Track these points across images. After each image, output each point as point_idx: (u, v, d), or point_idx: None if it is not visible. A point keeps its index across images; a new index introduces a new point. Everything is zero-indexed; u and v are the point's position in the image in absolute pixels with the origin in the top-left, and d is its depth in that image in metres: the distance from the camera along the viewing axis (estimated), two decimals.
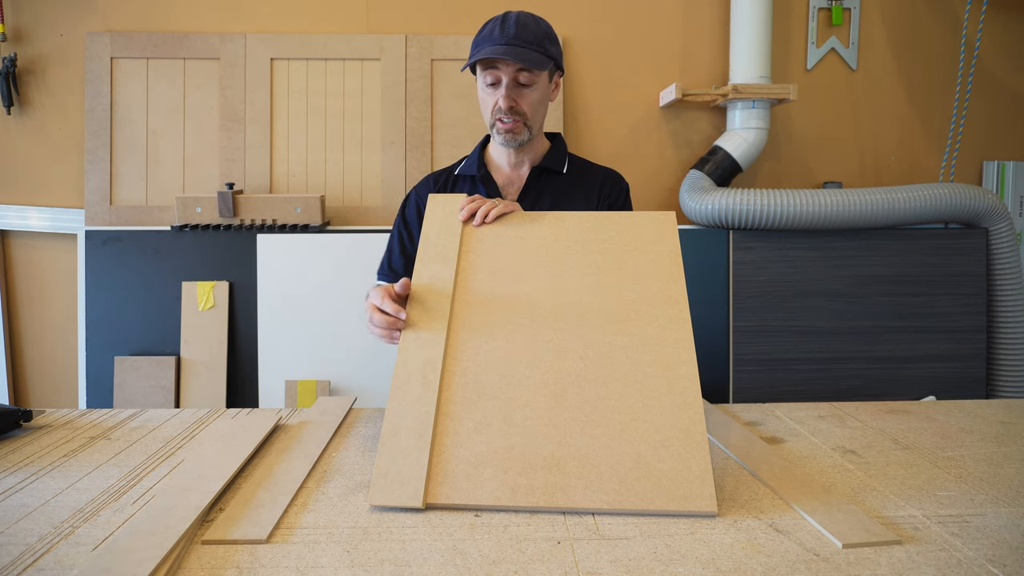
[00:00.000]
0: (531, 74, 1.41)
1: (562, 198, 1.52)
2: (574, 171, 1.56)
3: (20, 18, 2.45)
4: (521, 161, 1.53)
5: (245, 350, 2.36)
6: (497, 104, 1.41)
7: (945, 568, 0.77)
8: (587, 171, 1.58)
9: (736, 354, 2.42)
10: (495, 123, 1.44)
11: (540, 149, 1.55)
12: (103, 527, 0.86)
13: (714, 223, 2.40)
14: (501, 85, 1.40)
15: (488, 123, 1.47)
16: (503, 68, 1.39)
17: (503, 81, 1.40)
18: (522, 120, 1.43)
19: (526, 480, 0.90)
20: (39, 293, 2.53)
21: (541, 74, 1.43)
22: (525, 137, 1.45)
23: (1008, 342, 2.44)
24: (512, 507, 0.89)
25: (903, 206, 2.35)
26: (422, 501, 0.89)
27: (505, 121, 1.42)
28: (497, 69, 1.39)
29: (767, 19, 2.41)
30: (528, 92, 1.42)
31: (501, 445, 0.94)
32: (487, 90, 1.43)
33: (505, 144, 1.46)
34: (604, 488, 0.89)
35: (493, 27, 1.39)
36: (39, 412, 1.28)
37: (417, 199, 1.57)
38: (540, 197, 1.51)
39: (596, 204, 1.54)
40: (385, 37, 2.48)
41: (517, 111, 1.42)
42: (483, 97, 1.45)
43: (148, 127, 2.45)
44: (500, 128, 1.43)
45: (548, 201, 1.51)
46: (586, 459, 0.92)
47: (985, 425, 1.24)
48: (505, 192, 1.53)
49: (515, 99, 1.41)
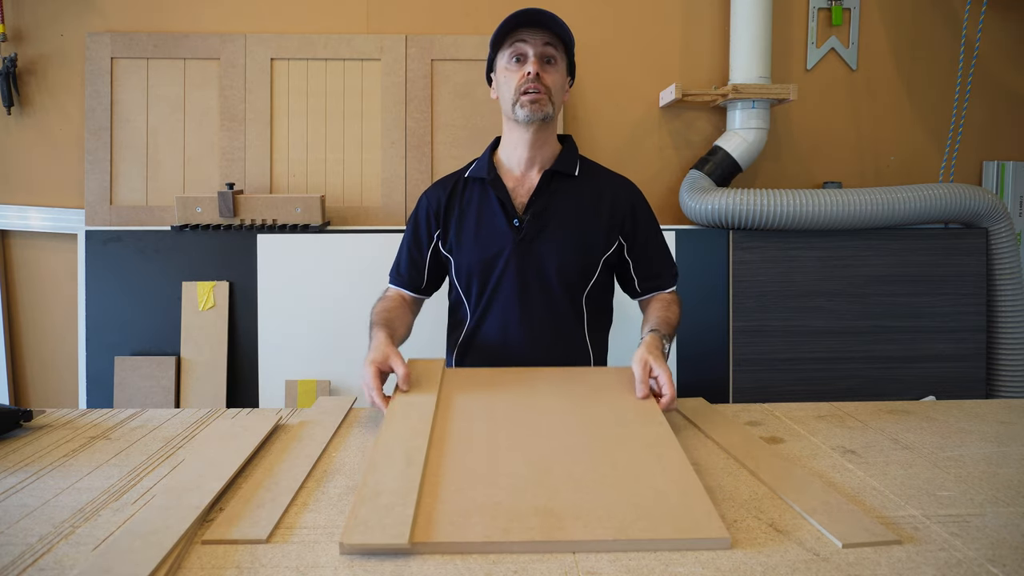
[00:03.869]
0: (557, 53, 1.44)
1: (573, 203, 1.50)
2: (586, 175, 1.54)
3: (20, 18, 2.45)
4: (532, 163, 1.51)
5: (245, 350, 2.36)
6: (525, 75, 1.41)
7: (945, 568, 0.77)
8: (601, 177, 1.56)
9: (736, 354, 2.42)
10: (519, 99, 1.43)
11: (551, 152, 1.53)
12: (103, 527, 0.86)
13: (714, 223, 2.40)
14: (528, 59, 1.42)
15: (510, 104, 1.45)
16: (531, 43, 1.42)
17: (530, 54, 1.42)
18: (547, 95, 1.43)
19: (518, 524, 0.83)
20: (39, 293, 2.53)
21: (563, 60, 1.47)
22: (549, 111, 1.44)
23: (1008, 342, 2.44)
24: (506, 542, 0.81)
25: (903, 206, 2.35)
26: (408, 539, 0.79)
27: (531, 91, 1.41)
28: (525, 43, 1.42)
29: (767, 19, 2.41)
30: (552, 70, 1.45)
31: (488, 501, 0.89)
32: (511, 66, 1.44)
33: (529, 117, 1.43)
34: (605, 526, 0.83)
35: (518, 13, 1.42)
36: (39, 412, 1.28)
37: (428, 204, 1.57)
38: (551, 201, 1.50)
39: (608, 216, 1.51)
40: (385, 37, 2.48)
41: (544, 83, 1.43)
42: (506, 77, 1.45)
43: (148, 127, 2.45)
44: (525, 100, 1.42)
45: (559, 205, 1.50)
46: (581, 508, 0.87)
47: (985, 425, 1.24)
48: (515, 195, 1.51)
49: (543, 71, 1.43)
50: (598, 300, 1.57)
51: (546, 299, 1.51)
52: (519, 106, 1.43)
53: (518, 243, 1.49)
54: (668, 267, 1.59)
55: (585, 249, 1.51)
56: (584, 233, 1.50)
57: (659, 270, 1.57)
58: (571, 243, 1.49)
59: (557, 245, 1.49)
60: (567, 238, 1.49)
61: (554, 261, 1.49)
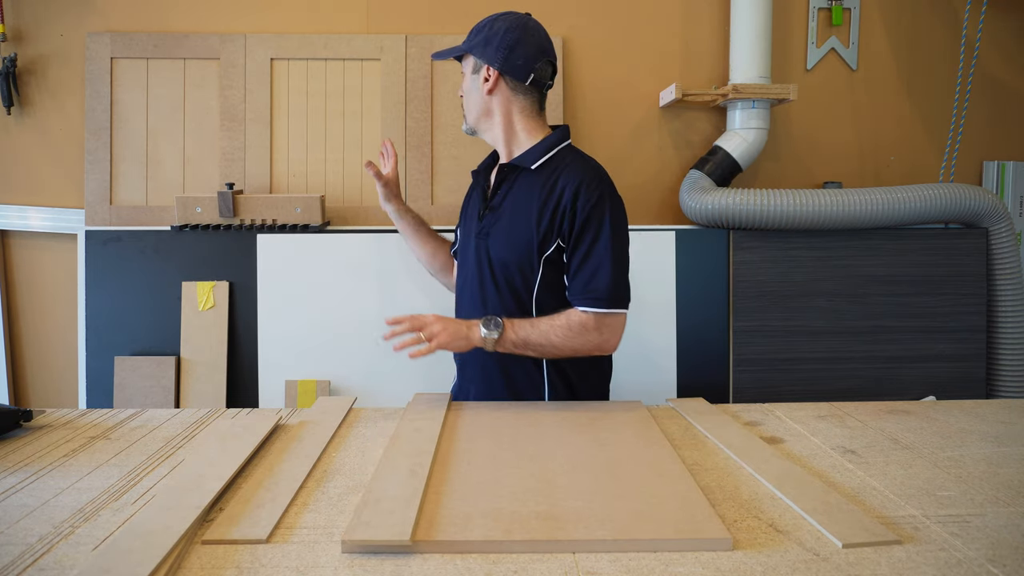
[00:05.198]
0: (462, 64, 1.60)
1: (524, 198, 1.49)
2: (548, 169, 1.49)
3: (20, 18, 2.45)
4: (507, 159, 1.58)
5: (245, 350, 2.36)
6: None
7: (945, 568, 0.77)
8: (563, 171, 1.47)
9: (736, 354, 2.42)
10: None
11: (524, 146, 1.54)
12: (103, 527, 0.86)
13: (714, 223, 2.40)
14: None
15: None
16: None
17: None
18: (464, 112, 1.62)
19: (519, 526, 0.85)
20: (39, 293, 2.53)
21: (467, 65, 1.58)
22: (467, 126, 1.62)
23: (1008, 342, 2.44)
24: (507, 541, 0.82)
25: (903, 206, 2.35)
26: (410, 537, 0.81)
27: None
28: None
29: (767, 19, 2.41)
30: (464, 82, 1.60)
31: (490, 507, 0.90)
32: None
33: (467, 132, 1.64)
34: (606, 527, 0.84)
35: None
36: (39, 412, 1.28)
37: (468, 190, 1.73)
38: (507, 196, 1.54)
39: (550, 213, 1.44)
40: (385, 37, 2.48)
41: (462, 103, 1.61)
42: None
43: (148, 127, 2.45)
44: None
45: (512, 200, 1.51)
46: (582, 513, 0.88)
47: (985, 425, 1.24)
48: (491, 186, 1.61)
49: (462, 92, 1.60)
50: (554, 299, 1.48)
51: (495, 293, 1.51)
52: None
53: (478, 235, 1.55)
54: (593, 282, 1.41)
55: (520, 246, 1.47)
56: (521, 229, 1.47)
57: (580, 284, 1.42)
58: (509, 239, 1.49)
59: (500, 240, 1.50)
60: (508, 233, 1.49)
61: (497, 255, 1.50)
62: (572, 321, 1.41)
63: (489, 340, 1.39)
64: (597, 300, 1.40)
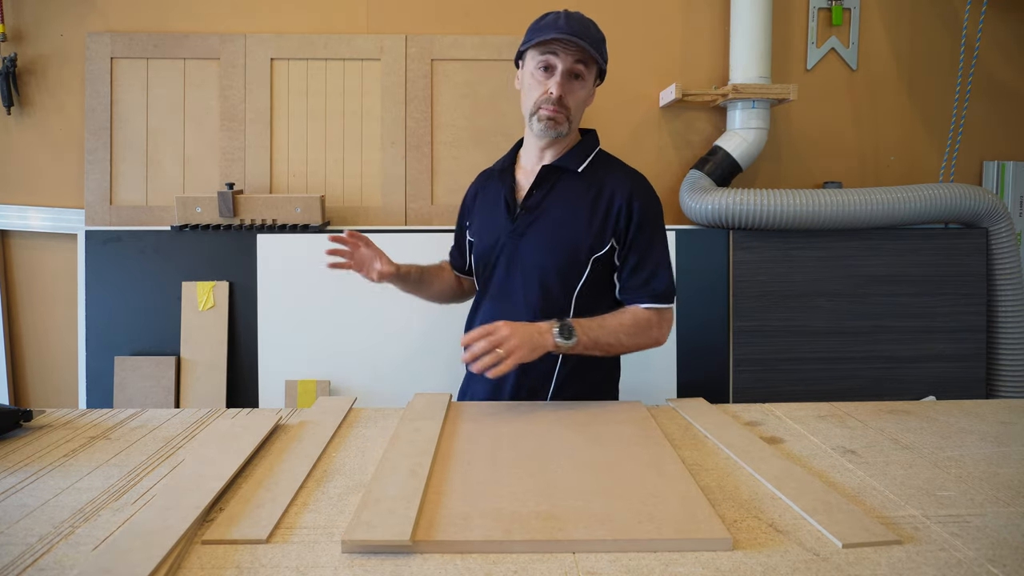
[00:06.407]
0: (586, 68, 1.44)
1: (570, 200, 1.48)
2: (594, 171, 1.51)
3: (20, 18, 2.45)
4: (542, 159, 1.52)
5: (245, 350, 2.36)
6: (547, 92, 1.42)
7: (945, 568, 0.77)
8: (610, 174, 1.50)
9: (736, 354, 2.42)
10: (537, 111, 1.44)
11: (564, 147, 1.52)
12: (103, 527, 0.86)
13: (714, 223, 2.40)
14: (555, 73, 1.42)
15: (528, 111, 1.47)
16: (562, 56, 1.41)
17: (558, 69, 1.42)
18: (565, 114, 1.44)
19: (519, 526, 0.85)
20: (39, 293, 2.53)
21: (591, 74, 1.47)
22: (564, 130, 1.46)
23: (1008, 342, 2.44)
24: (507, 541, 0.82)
25: (903, 206, 2.35)
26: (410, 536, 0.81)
27: (549, 108, 1.43)
28: (556, 55, 1.41)
29: (767, 19, 2.41)
30: (578, 87, 1.45)
31: (490, 507, 0.90)
32: (538, 75, 1.44)
33: (543, 133, 1.46)
34: (606, 527, 0.84)
35: (556, 18, 1.42)
36: (39, 412, 1.28)
37: (467, 193, 1.69)
38: (547, 197, 1.49)
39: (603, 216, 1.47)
40: (385, 37, 2.48)
41: (564, 103, 1.43)
42: (531, 83, 1.45)
43: (148, 127, 2.45)
44: (543, 115, 1.44)
45: (555, 202, 1.48)
46: (582, 512, 0.88)
47: (985, 425, 1.24)
48: (520, 189, 1.54)
49: (566, 90, 1.43)
50: (592, 298, 1.50)
51: (531, 292, 1.49)
52: (536, 119, 1.45)
53: (509, 236, 1.51)
54: (653, 282, 1.47)
55: (569, 248, 1.47)
56: (571, 231, 1.47)
57: (640, 282, 1.47)
58: (555, 241, 1.47)
59: (542, 241, 1.48)
60: (553, 235, 1.48)
61: (537, 257, 1.48)
62: (639, 318, 1.45)
63: (564, 347, 1.35)
64: (657, 296, 1.47)
